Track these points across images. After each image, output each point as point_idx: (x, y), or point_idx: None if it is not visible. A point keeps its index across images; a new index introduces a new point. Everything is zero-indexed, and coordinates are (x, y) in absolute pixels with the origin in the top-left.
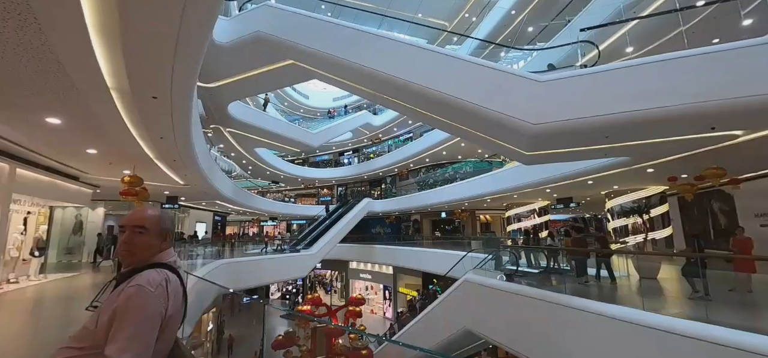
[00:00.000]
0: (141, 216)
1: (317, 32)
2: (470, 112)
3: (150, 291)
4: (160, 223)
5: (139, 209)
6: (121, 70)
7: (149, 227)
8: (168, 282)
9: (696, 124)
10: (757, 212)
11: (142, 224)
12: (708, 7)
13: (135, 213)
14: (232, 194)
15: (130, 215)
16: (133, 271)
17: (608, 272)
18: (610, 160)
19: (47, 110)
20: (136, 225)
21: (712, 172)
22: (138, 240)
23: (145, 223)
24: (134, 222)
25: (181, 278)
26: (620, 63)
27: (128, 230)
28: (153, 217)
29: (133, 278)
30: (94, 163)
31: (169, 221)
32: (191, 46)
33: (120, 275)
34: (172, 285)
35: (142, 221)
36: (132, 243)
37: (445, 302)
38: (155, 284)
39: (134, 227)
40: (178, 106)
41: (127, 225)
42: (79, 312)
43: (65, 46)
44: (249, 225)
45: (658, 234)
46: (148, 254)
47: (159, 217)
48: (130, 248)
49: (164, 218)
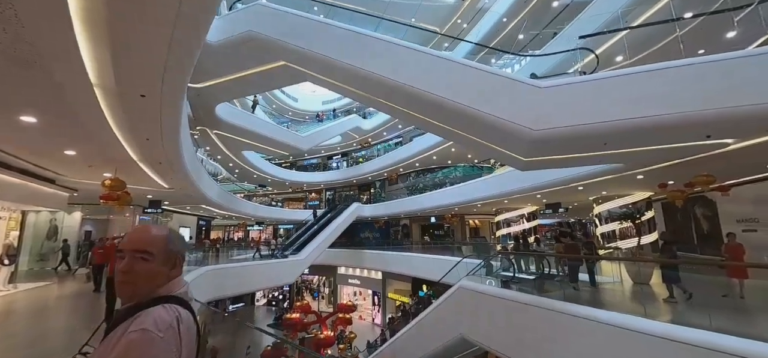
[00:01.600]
0: (144, 238)
1: (311, 33)
2: (468, 116)
3: (157, 336)
4: (167, 245)
5: (141, 230)
6: (106, 65)
7: (155, 252)
8: (179, 321)
9: (692, 132)
10: (739, 217)
11: (145, 248)
12: (696, 19)
13: (136, 234)
14: (218, 198)
15: (129, 237)
16: (135, 307)
17: (590, 276)
18: (603, 166)
19: (22, 107)
20: (138, 249)
21: (702, 180)
22: (140, 268)
23: (150, 246)
24: (135, 245)
25: (194, 313)
26: (620, 71)
27: (128, 256)
28: (159, 238)
29: (135, 317)
30: (72, 165)
31: (180, 242)
32: (188, 40)
33: (118, 314)
34: (184, 324)
35: (146, 243)
36: (133, 272)
37: (440, 309)
38: (164, 326)
39: (135, 252)
40: (168, 106)
41: (126, 250)
42: (50, 327)
43: (45, 35)
44: (234, 229)
45: (644, 239)
46: (153, 286)
47: (166, 238)
48: (131, 278)
49: (173, 239)
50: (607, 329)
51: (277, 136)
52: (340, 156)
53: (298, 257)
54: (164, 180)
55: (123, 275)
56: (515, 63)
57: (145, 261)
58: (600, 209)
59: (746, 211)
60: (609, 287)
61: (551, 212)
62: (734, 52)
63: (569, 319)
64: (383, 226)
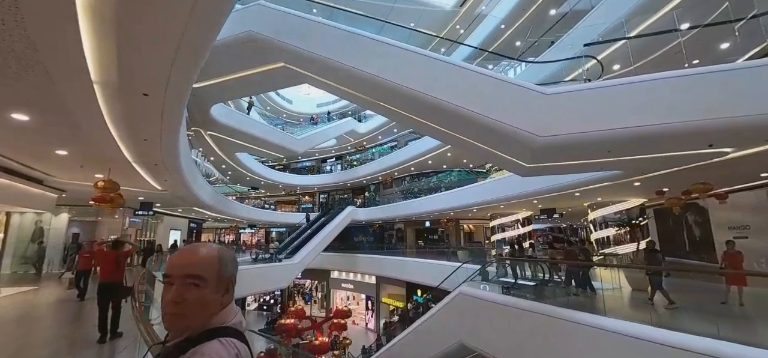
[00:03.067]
0: (194, 260)
1: (313, 35)
2: (472, 121)
3: None
4: (220, 267)
5: (189, 251)
6: (111, 61)
7: (207, 276)
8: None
9: (695, 140)
10: (730, 224)
11: (197, 273)
12: (692, 30)
13: (185, 256)
14: (211, 200)
15: (178, 260)
16: (186, 342)
17: (588, 283)
18: (601, 173)
19: (14, 105)
20: (189, 274)
21: (699, 188)
22: (192, 297)
23: (202, 270)
24: (186, 270)
25: (249, 347)
26: (626, 79)
27: (177, 283)
28: (211, 260)
29: (188, 356)
30: (62, 165)
31: (232, 264)
32: (200, 39)
33: (165, 351)
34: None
35: (197, 267)
36: (184, 302)
37: (439, 315)
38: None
39: (186, 278)
40: (171, 106)
41: (175, 275)
42: (33, 337)
43: (44, 27)
44: (225, 232)
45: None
46: (206, 316)
47: (218, 258)
48: (182, 309)
49: (226, 260)
50: (610, 336)
51: (273, 138)
52: (335, 159)
53: (293, 261)
54: (158, 182)
55: (173, 306)
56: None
57: (197, 288)
58: (594, 214)
59: (738, 218)
60: (608, 294)
61: (546, 217)
62: (737, 64)
63: (572, 326)
64: (377, 230)
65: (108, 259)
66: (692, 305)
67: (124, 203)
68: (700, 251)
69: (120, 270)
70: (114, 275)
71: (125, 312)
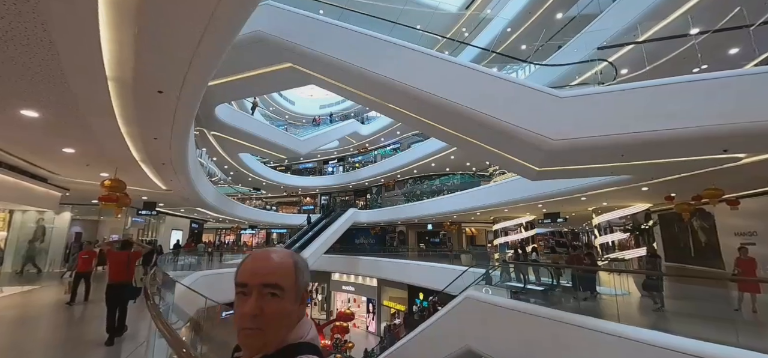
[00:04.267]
0: (272, 267)
1: (324, 35)
2: (485, 124)
3: None
4: (297, 275)
5: (264, 257)
6: (127, 58)
7: (286, 286)
8: None
9: (711, 145)
10: (737, 230)
11: (275, 282)
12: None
13: (262, 262)
14: (215, 201)
15: (252, 265)
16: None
17: (590, 287)
18: (611, 178)
19: (24, 101)
20: (267, 283)
21: (710, 193)
22: (272, 309)
23: (280, 278)
24: (264, 278)
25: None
26: (641, 83)
27: (255, 293)
28: (288, 267)
29: None
30: (68, 163)
31: (307, 270)
32: (221, 36)
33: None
34: None
35: (276, 275)
36: (262, 315)
37: (445, 319)
38: None
39: (264, 287)
40: (185, 104)
41: (252, 284)
42: (31, 340)
43: (63, 21)
44: (225, 233)
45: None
46: (285, 331)
47: (294, 265)
48: (261, 322)
49: (301, 266)
50: (624, 343)
51: (277, 139)
52: (337, 161)
53: None
54: (164, 182)
55: (251, 321)
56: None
57: (276, 299)
58: (599, 219)
59: (744, 224)
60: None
61: (550, 221)
62: (754, 68)
63: (586, 332)
64: (379, 232)
65: (118, 259)
66: (704, 312)
67: (130, 203)
68: (705, 256)
69: (129, 271)
70: (123, 275)
71: (130, 313)
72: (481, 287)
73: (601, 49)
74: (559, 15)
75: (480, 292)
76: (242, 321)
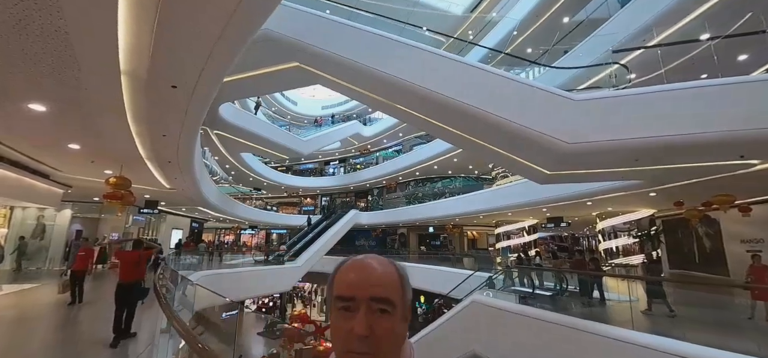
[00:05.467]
0: (380, 278)
1: (335, 35)
2: (498, 126)
3: None
4: (405, 288)
5: (369, 266)
6: (143, 51)
7: (396, 301)
8: None
9: (728, 151)
10: (743, 237)
11: (385, 295)
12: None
13: (368, 272)
14: (217, 200)
15: (358, 277)
16: None
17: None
18: (620, 183)
19: (33, 94)
20: (377, 297)
21: (721, 199)
22: (382, 327)
23: (390, 291)
24: (373, 290)
25: None
26: (657, 87)
27: (364, 308)
28: (393, 277)
29: None
30: (72, 160)
31: (409, 281)
32: (243, 30)
33: None
34: None
35: (385, 288)
36: (373, 335)
37: (450, 323)
38: None
39: (373, 301)
40: (198, 100)
41: (360, 297)
42: (28, 341)
43: (81, 12)
44: (225, 233)
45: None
46: (395, 355)
47: (400, 275)
48: (372, 345)
49: (406, 276)
50: (639, 350)
51: (280, 139)
52: (338, 162)
53: (296, 264)
54: (168, 180)
55: (361, 343)
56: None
57: (386, 315)
58: (603, 224)
59: (751, 231)
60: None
61: (553, 226)
62: None
63: (595, 338)
64: (380, 234)
65: (129, 258)
66: (716, 320)
67: (134, 201)
68: (710, 263)
69: (140, 270)
70: (134, 274)
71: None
72: (485, 291)
73: (616, 52)
74: (565, 19)
75: (486, 296)
76: (348, 342)
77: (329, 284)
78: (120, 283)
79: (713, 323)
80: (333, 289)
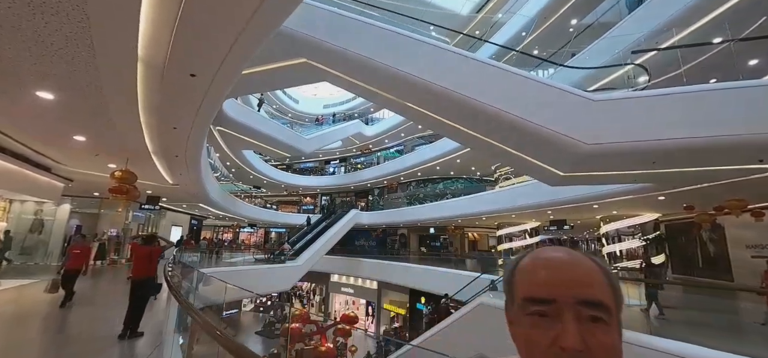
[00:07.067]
0: (589, 275)
1: (348, 31)
2: (514, 126)
3: None
4: (617, 290)
5: (569, 258)
6: (164, 38)
7: (612, 306)
8: None
9: (747, 154)
10: (748, 243)
11: (599, 299)
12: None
13: (571, 268)
14: (218, 197)
15: (560, 273)
16: None
17: None
18: (629, 186)
19: (42, 80)
20: (589, 300)
21: (733, 203)
22: (600, 342)
23: (604, 293)
24: (584, 292)
25: None
26: (679, 89)
27: (572, 314)
28: (602, 276)
29: None
30: (76, 153)
31: (618, 281)
32: (271, 18)
33: None
34: None
35: (598, 288)
36: (588, 352)
37: (456, 325)
38: None
39: (582, 305)
40: (215, 90)
41: (563, 300)
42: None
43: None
44: (223, 231)
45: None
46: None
47: (610, 275)
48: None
49: (615, 276)
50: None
51: (282, 137)
52: (338, 161)
53: (296, 263)
54: (172, 175)
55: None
56: None
57: (603, 325)
58: (607, 227)
59: (756, 236)
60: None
61: (556, 228)
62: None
63: None
64: (380, 234)
65: (140, 254)
66: (731, 326)
67: (139, 195)
68: (714, 268)
69: (152, 266)
70: (146, 270)
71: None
72: (492, 294)
73: (634, 52)
74: (573, 21)
75: (494, 299)
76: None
77: (508, 281)
78: (133, 279)
79: (728, 329)
80: (516, 288)
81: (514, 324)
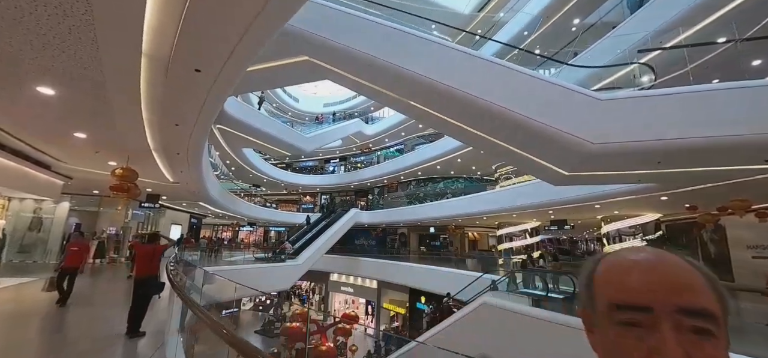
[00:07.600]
0: (694, 281)
1: (352, 29)
2: (520, 124)
3: None
4: (724, 297)
5: (663, 259)
6: (170, 31)
7: (719, 315)
8: None
9: (753, 154)
10: (749, 244)
11: (704, 307)
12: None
13: (670, 270)
14: (219, 196)
15: (653, 275)
16: None
17: None
18: (632, 186)
19: (43, 75)
20: (693, 309)
21: (737, 204)
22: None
23: (709, 300)
24: (686, 299)
25: None
26: (686, 88)
27: (670, 322)
28: (704, 282)
29: None
30: (77, 150)
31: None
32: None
33: None
34: None
35: (703, 296)
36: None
37: (458, 325)
38: None
39: (684, 315)
40: (221, 86)
41: (660, 308)
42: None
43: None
44: (222, 229)
45: None
46: None
47: (714, 281)
48: None
49: (718, 280)
50: None
51: (283, 135)
52: (338, 160)
53: (296, 262)
54: (173, 173)
55: None
56: None
57: (709, 338)
58: (608, 228)
59: (757, 237)
60: None
61: (557, 228)
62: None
63: None
64: (380, 233)
65: (143, 252)
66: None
67: (139, 193)
68: (715, 268)
69: (154, 265)
70: (149, 269)
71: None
72: (494, 293)
73: (641, 52)
74: (576, 20)
75: (496, 298)
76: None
77: (587, 283)
78: (136, 277)
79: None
80: (600, 291)
81: (596, 333)
